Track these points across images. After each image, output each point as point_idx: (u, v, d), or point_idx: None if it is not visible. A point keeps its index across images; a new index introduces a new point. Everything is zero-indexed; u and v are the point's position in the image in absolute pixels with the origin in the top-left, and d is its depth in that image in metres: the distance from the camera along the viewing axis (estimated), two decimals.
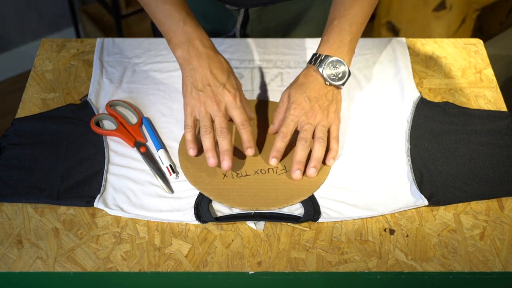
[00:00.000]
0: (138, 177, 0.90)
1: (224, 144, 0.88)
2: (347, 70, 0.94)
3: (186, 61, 0.92)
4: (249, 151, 0.90)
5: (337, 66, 0.93)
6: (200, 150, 0.91)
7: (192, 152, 0.91)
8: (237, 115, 0.90)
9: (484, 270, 0.81)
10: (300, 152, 0.90)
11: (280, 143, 0.91)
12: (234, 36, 1.16)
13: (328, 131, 0.93)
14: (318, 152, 0.90)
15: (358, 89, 1.04)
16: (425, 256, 0.82)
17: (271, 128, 0.96)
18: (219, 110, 0.89)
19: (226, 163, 0.87)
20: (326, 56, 0.93)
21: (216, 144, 0.89)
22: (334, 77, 0.93)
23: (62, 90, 1.03)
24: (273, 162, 0.91)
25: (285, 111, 0.93)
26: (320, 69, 0.93)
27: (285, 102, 0.94)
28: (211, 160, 0.88)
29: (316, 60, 0.94)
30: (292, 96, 0.93)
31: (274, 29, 1.16)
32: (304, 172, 0.90)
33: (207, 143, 0.88)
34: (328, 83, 0.93)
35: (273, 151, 0.91)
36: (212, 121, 0.90)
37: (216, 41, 1.11)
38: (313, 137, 0.91)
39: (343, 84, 0.94)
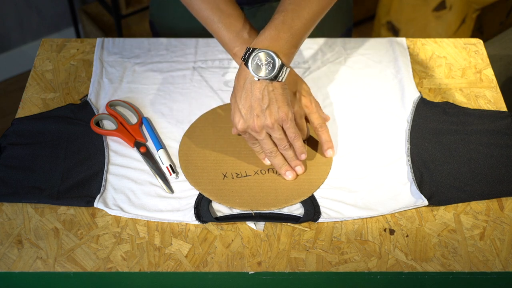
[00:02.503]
0: (138, 177, 0.90)
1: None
2: (277, 62, 0.85)
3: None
4: (329, 152, 0.93)
5: (267, 59, 0.85)
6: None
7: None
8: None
9: (484, 270, 0.81)
10: (274, 161, 0.90)
11: (255, 148, 0.92)
12: None
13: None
14: (287, 155, 0.90)
15: (358, 89, 1.04)
16: (425, 256, 0.82)
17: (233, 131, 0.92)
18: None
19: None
20: (254, 49, 0.86)
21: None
22: (262, 71, 0.85)
23: (62, 90, 1.03)
24: (267, 162, 0.92)
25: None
26: (248, 64, 0.86)
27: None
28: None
29: (245, 54, 0.87)
30: (232, 108, 0.89)
31: None
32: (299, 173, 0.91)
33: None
34: (257, 79, 0.85)
35: (257, 155, 0.93)
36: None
37: (216, 41, 1.11)
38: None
39: (276, 78, 0.85)
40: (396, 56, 1.09)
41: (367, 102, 1.02)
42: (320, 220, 0.85)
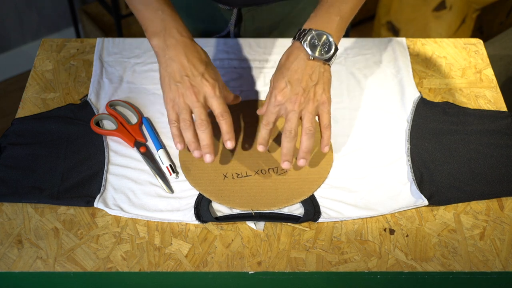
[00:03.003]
0: (138, 177, 0.90)
1: (204, 138, 0.86)
2: (333, 43, 0.88)
3: (162, 50, 0.89)
4: (229, 144, 0.87)
5: (322, 39, 0.87)
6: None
7: (179, 146, 0.88)
8: (216, 105, 0.87)
9: (484, 270, 0.81)
10: (285, 145, 0.86)
11: (262, 131, 0.88)
12: (227, 35, 1.16)
13: (319, 118, 0.89)
14: (305, 144, 0.86)
15: (358, 89, 1.04)
16: (425, 256, 0.82)
17: (258, 110, 0.92)
18: (198, 101, 0.86)
19: (208, 157, 0.86)
20: (310, 30, 0.88)
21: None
22: (318, 51, 0.87)
23: (62, 90, 1.03)
24: (261, 148, 0.89)
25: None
26: (303, 43, 0.87)
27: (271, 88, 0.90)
28: (196, 153, 0.87)
29: (300, 34, 0.88)
30: (274, 81, 0.88)
31: (267, 29, 1.15)
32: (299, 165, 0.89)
33: (188, 136, 0.86)
34: (312, 58, 0.87)
35: (258, 138, 0.89)
36: (192, 113, 0.87)
37: (216, 41, 1.11)
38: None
39: (330, 59, 0.88)
40: (396, 56, 1.09)
41: (367, 102, 1.02)
42: (320, 220, 0.85)
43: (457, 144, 0.95)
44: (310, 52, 0.87)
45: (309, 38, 0.87)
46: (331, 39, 0.88)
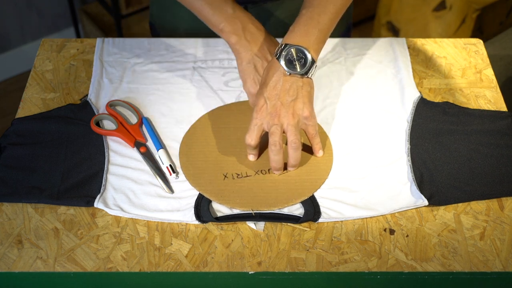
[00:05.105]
0: (138, 177, 0.90)
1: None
2: (310, 58, 0.88)
3: (244, 47, 0.93)
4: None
5: (299, 54, 0.88)
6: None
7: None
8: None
9: (484, 270, 0.81)
10: (272, 158, 0.89)
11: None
12: None
13: (305, 131, 0.91)
14: (293, 156, 0.89)
15: (359, 89, 1.04)
16: (425, 256, 0.82)
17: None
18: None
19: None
20: (286, 45, 0.89)
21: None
22: (294, 67, 0.88)
23: (62, 90, 1.03)
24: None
25: None
26: (279, 59, 0.88)
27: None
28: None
29: (277, 50, 0.90)
30: (255, 99, 0.90)
31: (273, 27, 1.15)
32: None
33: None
34: (289, 73, 0.88)
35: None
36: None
37: (217, 41, 1.11)
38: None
39: (306, 73, 0.88)
40: (396, 56, 1.09)
41: (367, 102, 1.02)
42: (320, 220, 0.85)
43: (457, 144, 0.95)
44: (286, 68, 0.88)
45: (284, 54, 0.88)
46: (307, 54, 0.88)
